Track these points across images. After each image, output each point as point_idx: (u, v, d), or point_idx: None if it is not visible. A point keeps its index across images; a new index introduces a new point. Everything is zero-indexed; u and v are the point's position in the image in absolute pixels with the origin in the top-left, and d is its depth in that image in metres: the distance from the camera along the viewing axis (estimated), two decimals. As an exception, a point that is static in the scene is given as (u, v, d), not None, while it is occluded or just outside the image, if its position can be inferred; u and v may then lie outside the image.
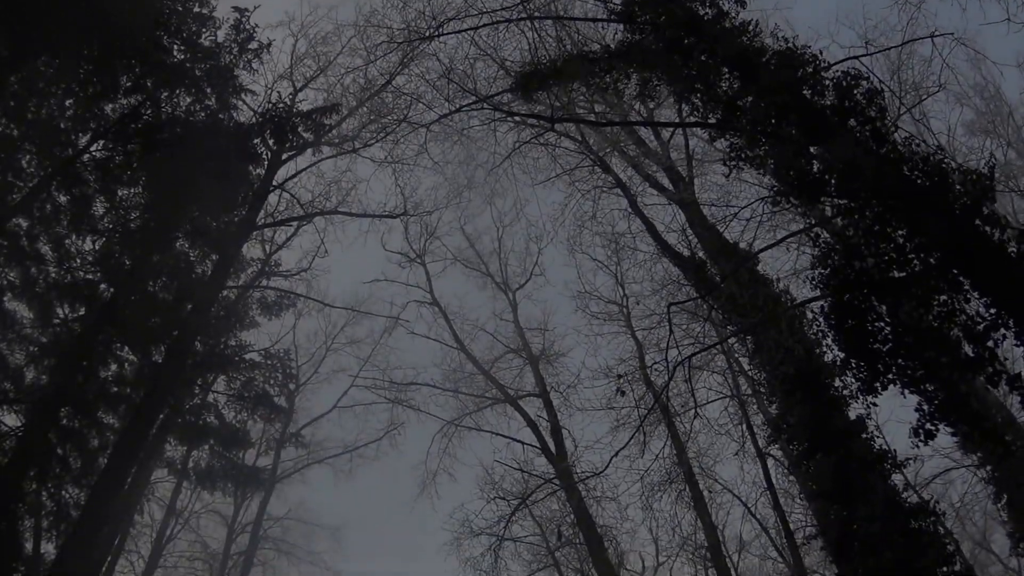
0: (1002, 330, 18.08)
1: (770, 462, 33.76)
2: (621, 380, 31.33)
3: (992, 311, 18.21)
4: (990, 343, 18.35)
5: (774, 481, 33.11)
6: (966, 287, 18.68)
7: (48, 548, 28.54)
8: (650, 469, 36.32)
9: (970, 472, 29.44)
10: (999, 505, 25.72)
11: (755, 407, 34.91)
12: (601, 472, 33.88)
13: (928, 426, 20.38)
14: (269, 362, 42.44)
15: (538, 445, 42.07)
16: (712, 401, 36.74)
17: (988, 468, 24.88)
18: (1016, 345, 18.07)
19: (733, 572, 36.62)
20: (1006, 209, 19.70)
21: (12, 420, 29.18)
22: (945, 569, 22.77)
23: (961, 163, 19.76)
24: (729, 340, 33.99)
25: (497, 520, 43.14)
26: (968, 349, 18.96)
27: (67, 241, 31.16)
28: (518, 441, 43.65)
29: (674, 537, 38.76)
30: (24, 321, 30.56)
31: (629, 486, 45.23)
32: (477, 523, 44.80)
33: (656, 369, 35.28)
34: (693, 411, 33.97)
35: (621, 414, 37.96)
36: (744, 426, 34.94)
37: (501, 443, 44.92)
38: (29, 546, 27.75)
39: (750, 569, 44.07)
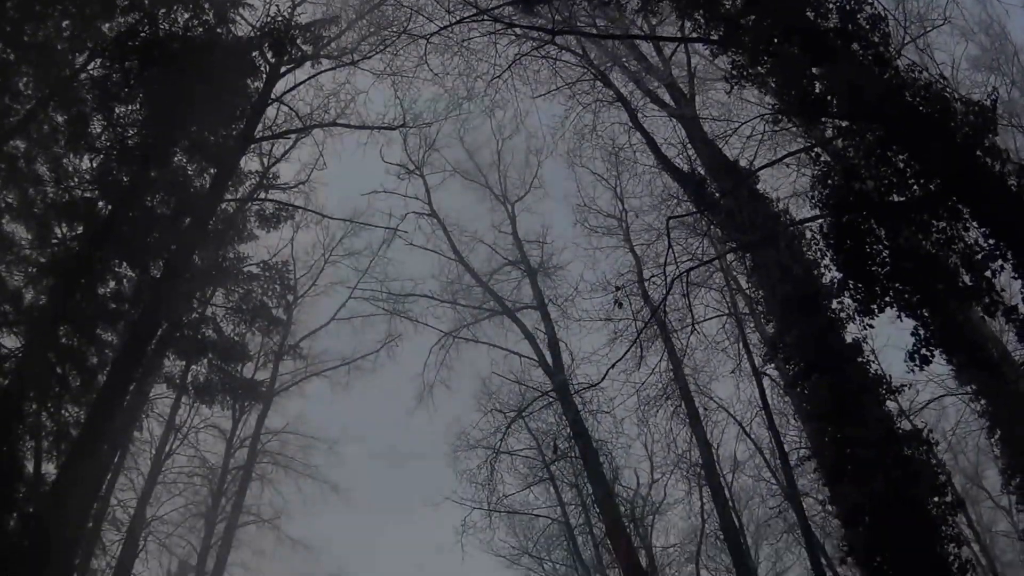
0: (1000, 261, 18.09)
1: (766, 382, 33.88)
2: (619, 292, 31.14)
3: (991, 242, 18.20)
4: (988, 273, 18.38)
5: (769, 401, 33.26)
6: (965, 216, 18.65)
7: (49, 468, 28.69)
8: (646, 383, 36.57)
9: (964, 403, 29.54)
10: (992, 440, 25.84)
11: (752, 325, 35.01)
12: (597, 384, 34.23)
13: (924, 351, 20.46)
14: (267, 274, 42.49)
15: (535, 358, 42.21)
16: (709, 318, 36.89)
17: (983, 401, 24.94)
18: (1014, 277, 18.11)
19: (727, 492, 36.94)
20: (1008, 147, 19.53)
21: (12, 342, 29.32)
22: (936, 499, 22.93)
23: (964, 95, 19.63)
24: (727, 257, 34.00)
25: (493, 431, 43.48)
26: (966, 278, 19.01)
27: (65, 160, 31.00)
28: (515, 353, 43.91)
29: (669, 454, 39.11)
30: (23, 242, 30.49)
31: (625, 399, 45.31)
32: (473, 435, 45.19)
33: (654, 283, 35.22)
34: (690, 327, 34.04)
35: (619, 327, 38.08)
36: (740, 344, 35.05)
37: (498, 355, 45.16)
38: (30, 467, 27.93)
39: (744, 489, 44.48)
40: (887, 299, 20.62)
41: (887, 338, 24.14)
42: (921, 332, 20.52)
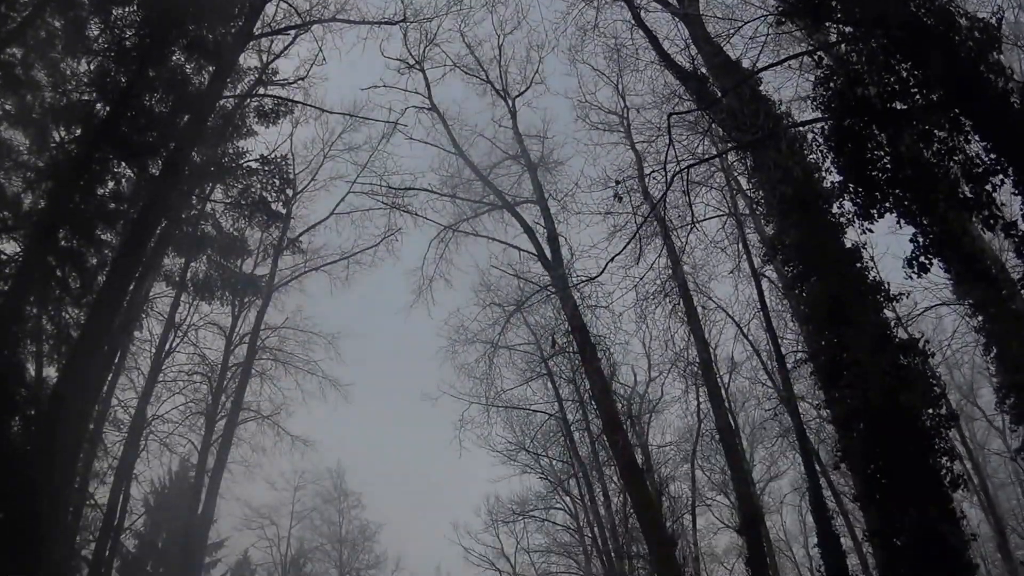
0: (1000, 176, 18.07)
1: (764, 284, 33.99)
2: (619, 186, 31.06)
3: (992, 156, 18.16)
4: (988, 187, 18.36)
5: (768, 303, 33.39)
6: (967, 128, 18.59)
7: (50, 372, 28.87)
8: (644, 277, 36.38)
9: (960, 316, 29.43)
10: (988, 357, 25.88)
11: (752, 227, 34.97)
12: (596, 277, 33.89)
13: (922, 259, 20.52)
14: (266, 168, 42.18)
15: (534, 252, 42.10)
16: (709, 218, 36.84)
17: (980, 318, 24.94)
18: (1014, 194, 18.07)
19: (723, 392, 37.13)
20: (1011, 67, 19.34)
21: (11, 248, 29.29)
22: (931, 411, 23.11)
23: (969, 12, 19.45)
24: (728, 157, 33.87)
25: (491, 324, 43.60)
26: (966, 189, 19.00)
27: (62, 65, 30.78)
28: (514, 247, 43.70)
29: (666, 351, 39.23)
30: (21, 148, 30.29)
31: (623, 293, 45.46)
32: (472, 328, 45.36)
33: (654, 178, 35.02)
34: (690, 225, 34.07)
35: (618, 221, 37.89)
36: (740, 244, 35.05)
37: (498, 249, 45.10)
38: (32, 370, 28.10)
39: (740, 390, 44.82)
40: (887, 204, 20.67)
41: (886, 247, 24.20)
42: (920, 239, 20.57)
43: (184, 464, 50.52)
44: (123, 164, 31.87)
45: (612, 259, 26.76)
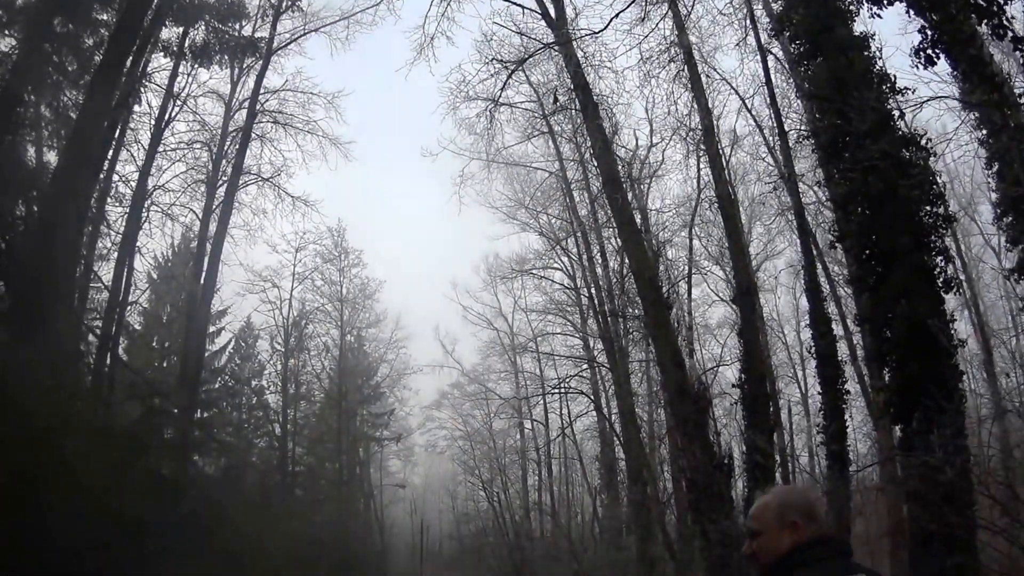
0: (1013, -10, 17.93)
1: (770, 60, 33.61)
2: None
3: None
4: (1001, -1, 18.22)
5: (772, 79, 33.09)
6: (978, -66, 18.37)
7: (51, 158, 28.88)
8: (648, 38, 35.98)
9: (962, 122, 28.67)
10: (989, 172, 25.71)
11: (760, 4, 34.36)
12: (600, 32, 33.79)
13: (929, 51, 20.52)
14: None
15: (538, 10, 41.45)
16: (717, -10, 36.18)
17: (984, 131, 24.60)
18: (1026, 12, 17.95)
19: (723, 162, 36.91)
20: None
21: (7, 44, 28.78)
22: (929, 208, 23.27)
23: None
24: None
25: (493, 76, 43.17)
26: (978, -5, 18.86)
27: None
28: (517, 5, 43.07)
29: (668, 117, 39.01)
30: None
31: (627, 50, 44.81)
32: (472, 83, 44.99)
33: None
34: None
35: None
36: (748, 20, 34.46)
37: (501, 7, 44.37)
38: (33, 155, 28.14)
39: (741, 164, 44.60)
40: (897, -8, 20.59)
41: (895, 48, 24.02)
42: (929, 32, 20.52)
43: (186, 236, 50.91)
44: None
45: (617, 15, 26.61)
